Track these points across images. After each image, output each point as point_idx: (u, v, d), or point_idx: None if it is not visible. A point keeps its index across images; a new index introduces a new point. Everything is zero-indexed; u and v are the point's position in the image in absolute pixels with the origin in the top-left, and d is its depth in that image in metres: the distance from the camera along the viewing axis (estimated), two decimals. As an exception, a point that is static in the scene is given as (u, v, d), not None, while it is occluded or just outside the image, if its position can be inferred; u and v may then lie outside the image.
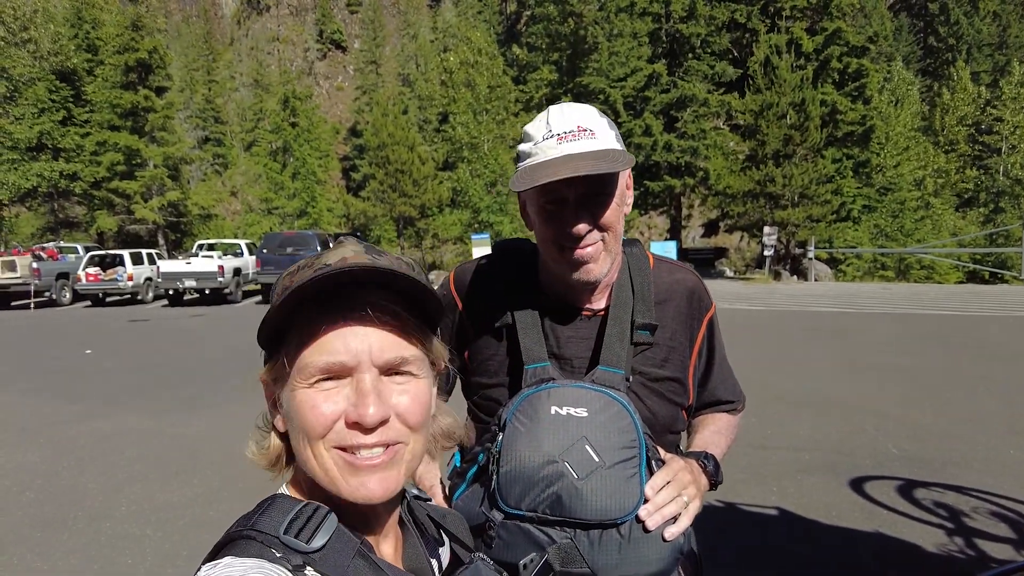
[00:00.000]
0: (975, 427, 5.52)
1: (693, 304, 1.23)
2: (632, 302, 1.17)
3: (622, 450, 1.04)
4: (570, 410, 1.06)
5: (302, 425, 0.66)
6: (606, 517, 1.02)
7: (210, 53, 53.43)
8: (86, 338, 12.33)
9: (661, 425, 1.16)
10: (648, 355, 1.17)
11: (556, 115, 1.10)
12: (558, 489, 1.02)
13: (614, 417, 1.06)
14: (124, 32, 30.22)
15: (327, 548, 0.63)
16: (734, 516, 3.86)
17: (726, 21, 30.88)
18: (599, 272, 1.11)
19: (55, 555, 3.55)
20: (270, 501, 0.68)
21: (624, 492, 1.03)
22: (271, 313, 0.66)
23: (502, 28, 55.93)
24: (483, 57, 32.09)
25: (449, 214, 32.03)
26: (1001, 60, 40.07)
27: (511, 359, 1.17)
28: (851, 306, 15.15)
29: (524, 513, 1.05)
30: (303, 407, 0.66)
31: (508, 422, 1.08)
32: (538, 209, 1.11)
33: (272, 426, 0.74)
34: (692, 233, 37.27)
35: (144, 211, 30.12)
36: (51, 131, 32.24)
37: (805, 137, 23.52)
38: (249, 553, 0.61)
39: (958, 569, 3.19)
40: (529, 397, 1.09)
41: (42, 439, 5.75)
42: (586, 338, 1.16)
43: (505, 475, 1.06)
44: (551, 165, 1.03)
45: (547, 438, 1.04)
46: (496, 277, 1.23)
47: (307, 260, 0.71)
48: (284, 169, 38.26)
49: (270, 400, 0.74)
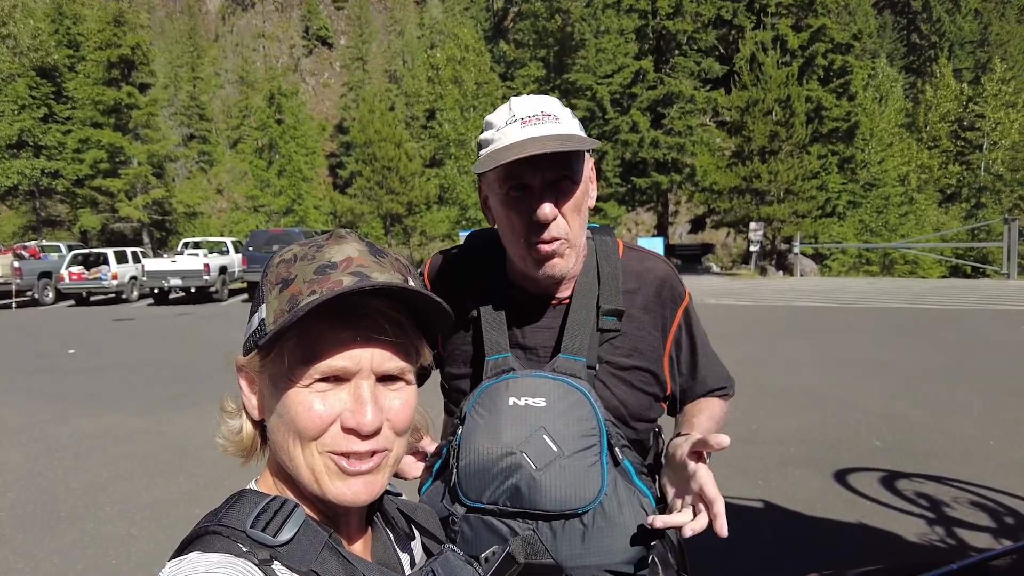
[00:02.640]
0: (956, 419, 5.59)
1: (664, 294, 1.19)
2: (598, 289, 1.14)
3: (582, 438, 1.03)
4: (528, 400, 1.04)
5: (295, 425, 0.65)
6: (566, 507, 1.01)
7: (195, 49, 52.90)
8: (70, 338, 12.19)
9: (631, 414, 1.13)
10: (616, 343, 1.14)
11: (519, 102, 1.08)
12: (516, 481, 1.01)
13: (573, 406, 1.04)
14: (106, 28, 29.84)
15: (295, 541, 0.62)
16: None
17: (712, 18, 31.01)
18: (564, 267, 1.08)
19: (37, 556, 3.52)
20: (238, 496, 0.67)
21: (584, 481, 1.01)
22: (285, 322, 0.63)
23: (489, 24, 55.78)
24: (470, 53, 32.05)
25: (437, 211, 31.98)
26: (983, 57, 40.56)
27: (476, 350, 1.15)
28: (836, 301, 15.29)
29: (485, 506, 1.04)
30: (298, 407, 0.65)
31: (467, 414, 1.07)
32: (502, 198, 1.07)
33: (244, 410, 0.72)
34: (679, 229, 37.41)
35: (128, 209, 29.82)
36: (32, 128, 31.84)
37: (791, 133, 23.70)
38: (215, 548, 0.60)
39: (938, 558, 3.24)
40: (488, 389, 1.08)
41: (24, 438, 5.68)
42: (551, 327, 1.14)
43: (464, 468, 1.05)
44: (516, 146, 1.01)
45: (505, 429, 1.03)
46: (466, 267, 1.22)
47: (305, 250, 0.68)
48: (270, 166, 37.95)
49: (248, 383, 0.71)
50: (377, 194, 29.55)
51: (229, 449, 0.72)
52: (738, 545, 3.48)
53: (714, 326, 12.25)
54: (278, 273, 0.67)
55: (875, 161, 30.33)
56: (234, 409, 0.73)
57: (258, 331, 0.67)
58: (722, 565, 3.26)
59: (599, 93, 28.64)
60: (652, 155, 29.33)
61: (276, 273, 0.68)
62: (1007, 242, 20.36)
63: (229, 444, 0.72)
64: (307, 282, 0.65)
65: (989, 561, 1.57)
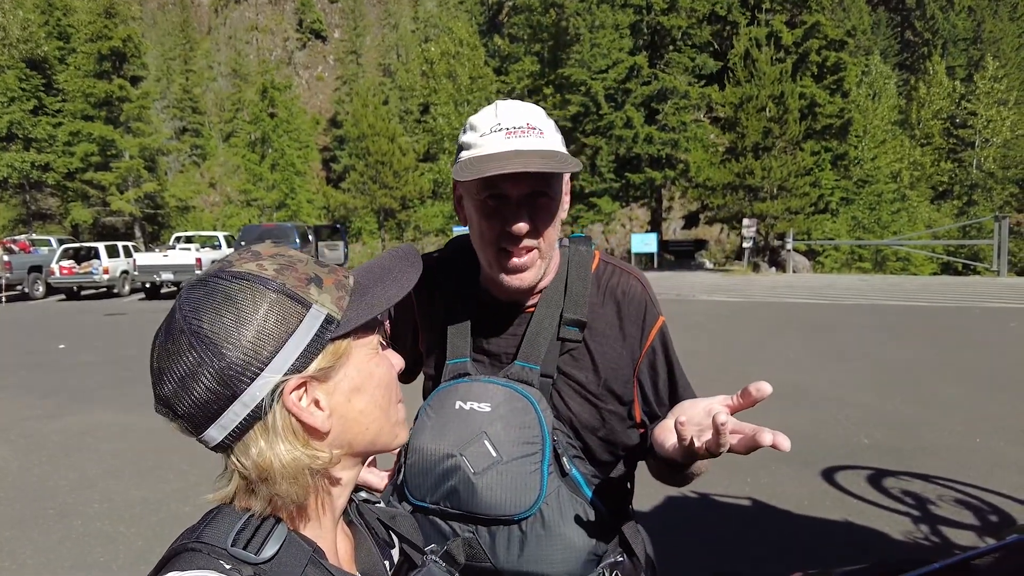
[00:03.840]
0: (943, 416, 5.63)
1: (634, 313, 1.15)
2: (563, 299, 1.13)
3: (523, 445, 1.03)
4: (473, 405, 1.05)
5: (390, 366, 0.73)
6: (502, 512, 1.01)
7: (187, 42, 52.52)
8: (60, 332, 12.11)
9: (585, 426, 1.11)
10: (576, 355, 1.12)
11: (505, 109, 1.07)
12: (455, 483, 1.03)
13: (517, 412, 1.04)
14: (97, 19, 29.59)
15: (278, 558, 0.61)
16: (707, 507, 3.91)
17: (707, 14, 31.00)
18: (531, 279, 1.08)
19: (24, 553, 3.51)
20: (216, 511, 0.65)
21: (522, 487, 1.01)
22: (394, 295, 0.70)
23: (484, 19, 55.53)
24: (464, 48, 31.95)
25: (431, 206, 31.91)
26: (976, 55, 40.69)
27: (444, 355, 1.16)
28: (827, 297, 15.35)
29: (428, 506, 1.06)
30: (382, 359, 0.72)
31: (419, 414, 1.09)
32: (478, 204, 1.07)
33: (307, 432, 0.64)
34: (672, 225, 37.45)
35: (120, 203, 29.64)
36: (22, 121, 31.53)
37: (784, 130, 23.73)
38: (195, 565, 0.58)
39: (923, 556, 3.27)
40: (439, 392, 1.10)
41: (13, 435, 5.65)
42: (515, 334, 1.14)
43: (410, 467, 1.07)
44: (499, 158, 1.00)
45: (449, 432, 1.05)
46: (442, 272, 1.22)
47: (273, 261, 0.64)
48: (263, 160, 37.77)
49: (310, 402, 0.64)
50: (371, 189, 29.46)
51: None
52: (724, 543, 3.51)
53: (705, 322, 12.26)
54: (297, 278, 0.63)
55: (868, 158, 30.45)
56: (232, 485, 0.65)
57: (327, 327, 0.63)
58: (708, 563, 3.28)
59: (593, 88, 28.61)
60: (646, 151, 29.34)
61: (295, 278, 0.63)
62: (998, 239, 20.46)
63: (309, 479, 0.65)
64: (330, 270, 0.67)
65: (972, 560, 1.58)
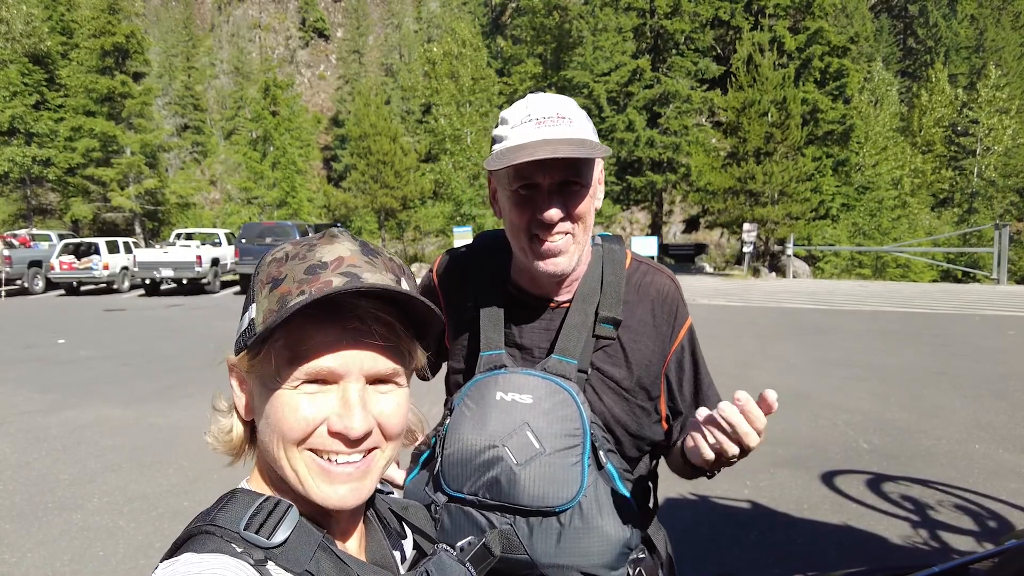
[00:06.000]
0: (942, 422, 5.64)
1: (667, 311, 1.18)
2: (599, 295, 1.14)
3: (565, 437, 1.04)
4: (515, 396, 1.06)
5: (279, 427, 0.64)
6: (543, 504, 1.02)
7: (190, 39, 52.59)
8: (59, 327, 12.11)
9: (617, 422, 1.13)
10: (610, 352, 1.14)
11: (535, 101, 1.10)
12: (497, 474, 1.03)
13: (559, 405, 1.05)
14: (100, 15, 29.55)
15: (289, 542, 0.62)
16: (707, 509, 3.92)
17: (710, 18, 31.05)
18: (566, 265, 1.09)
19: (24, 547, 3.51)
20: (230, 496, 0.66)
21: (564, 480, 1.02)
22: (272, 323, 0.62)
23: (487, 20, 55.64)
24: (467, 49, 31.94)
25: (431, 206, 31.88)
26: (978, 63, 40.80)
27: (475, 347, 1.17)
28: (826, 303, 15.36)
29: (466, 497, 1.05)
30: (284, 409, 0.64)
31: (456, 406, 1.09)
32: (510, 194, 1.09)
33: (235, 410, 0.71)
34: (673, 229, 37.52)
35: (121, 199, 29.60)
36: (24, 115, 31.51)
37: (786, 135, 23.76)
38: (209, 548, 0.60)
39: (921, 561, 3.27)
40: (478, 383, 1.10)
41: (13, 429, 5.65)
42: (548, 329, 1.15)
43: (448, 458, 1.07)
44: (529, 147, 1.02)
45: (490, 423, 1.05)
46: (472, 266, 1.24)
47: (296, 249, 0.67)
48: (264, 158, 37.75)
49: (239, 383, 0.70)
50: (371, 188, 29.44)
51: (219, 448, 0.72)
52: (724, 546, 3.51)
53: (705, 326, 12.25)
54: (269, 272, 0.67)
55: (869, 164, 30.47)
56: (225, 408, 0.72)
57: (247, 331, 0.66)
58: (708, 565, 3.29)
59: (596, 91, 28.64)
60: (647, 154, 29.37)
61: (267, 272, 0.67)
62: (998, 248, 20.49)
63: (219, 443, 0.72)
64: (297, 282, 0.64)
65: (970, 565, 1.59)
